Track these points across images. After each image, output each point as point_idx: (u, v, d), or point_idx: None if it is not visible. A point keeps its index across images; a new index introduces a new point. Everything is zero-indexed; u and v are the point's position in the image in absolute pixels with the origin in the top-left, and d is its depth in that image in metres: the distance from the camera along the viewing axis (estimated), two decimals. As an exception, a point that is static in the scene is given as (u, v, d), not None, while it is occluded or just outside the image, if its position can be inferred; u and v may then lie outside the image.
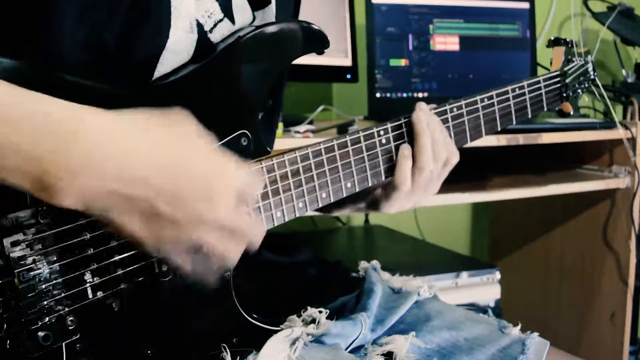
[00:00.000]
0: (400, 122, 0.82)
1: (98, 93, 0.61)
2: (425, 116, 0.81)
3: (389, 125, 0.81)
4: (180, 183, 0.56)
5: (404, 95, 1.72)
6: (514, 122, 0.94)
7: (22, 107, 0.52)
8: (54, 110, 0.53)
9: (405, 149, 0.80)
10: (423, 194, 0.83)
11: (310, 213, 0.76)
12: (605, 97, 1.23)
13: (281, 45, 0.72)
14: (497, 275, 1.57)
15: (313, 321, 0.75)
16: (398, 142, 0.82)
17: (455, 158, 0.83)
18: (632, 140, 1.60)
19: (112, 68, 0.65)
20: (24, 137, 0.51)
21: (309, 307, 0.76)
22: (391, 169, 0.81)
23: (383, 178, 0.81)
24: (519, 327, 0.86)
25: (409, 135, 0.82)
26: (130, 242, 0.60)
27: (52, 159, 0.51)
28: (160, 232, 0.56)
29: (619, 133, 1.59)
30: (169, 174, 0.55)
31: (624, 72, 1.97)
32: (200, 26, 0.70)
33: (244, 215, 0.62)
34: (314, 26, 0.74)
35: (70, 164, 0.52)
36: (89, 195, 0.53)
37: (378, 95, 1.69)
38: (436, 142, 0.81)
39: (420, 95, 1.73)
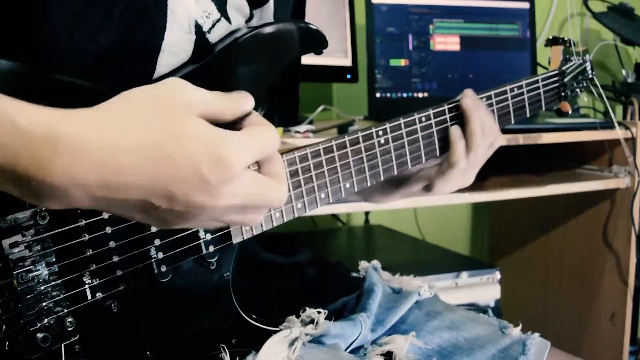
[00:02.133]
0: (444, 108, 0.87)
1: (95, 95, 0.61)
2: (474, 101, 0.87)
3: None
4: (173, 177, 0.51)
5: (404, 95, 1.72)
6: (512, 122, 0.94)
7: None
8: (27, 124, 0.48)
9: (457, 130, 0.86)
10: (473, 173, 0.89)
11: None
12: (604, 96, 1.23)
13: (278, 45, 0.72)
14: (497, 275, 1.57)
15: (312, 322, 0.75)
16: (441, 127, 0.87)
17: (499, 141, 0.89)
18: (632, 140, 1.60)
19: (110, 70, 0.65)
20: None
21: (307, 308, 0.76)
22: (433, 151, 0.87)
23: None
24: (519, 327, 0.85)
25: (455, 119, 0.87)
26: None
27: (33, 172, 0.48)
28: (167, 219, 0.54)
29: (618, 133, 1.59)
30: (157, 172, 0.51)
31: (624, 72, 1.97)
32: (198, 27, 0.69)
33: (254, 184, 0.55)
34: (311, 26, 0.73)
35: (53, 178, 0.48)
36: (77, 202, 0.50)
37: (378, 95, 1.69)
38: (484, 124, 0.86)
39: (420, 95, 1.73)
